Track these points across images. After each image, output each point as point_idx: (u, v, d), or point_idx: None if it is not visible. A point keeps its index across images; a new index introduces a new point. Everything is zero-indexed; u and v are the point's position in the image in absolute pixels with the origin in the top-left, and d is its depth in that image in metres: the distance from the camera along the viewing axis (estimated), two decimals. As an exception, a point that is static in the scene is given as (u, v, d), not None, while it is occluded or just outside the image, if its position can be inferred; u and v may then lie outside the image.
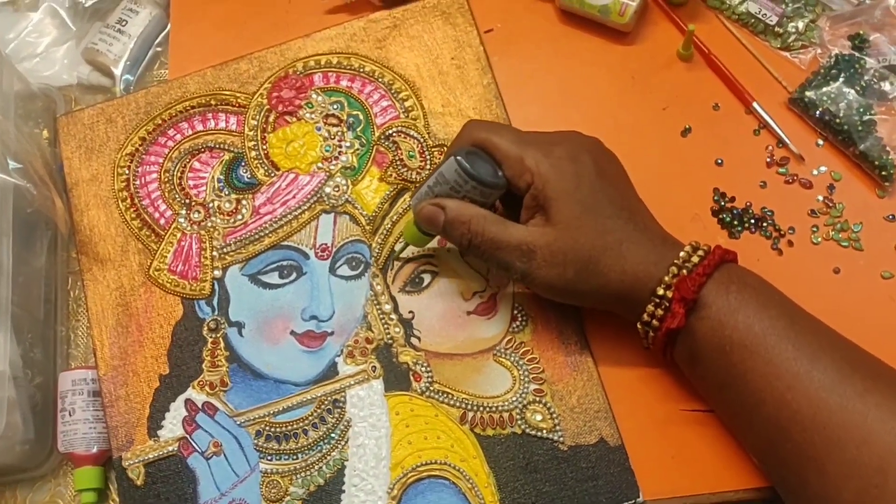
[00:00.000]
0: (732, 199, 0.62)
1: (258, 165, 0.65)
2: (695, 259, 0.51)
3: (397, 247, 0.62)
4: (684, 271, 0.51)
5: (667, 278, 0.51)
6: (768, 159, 0.63)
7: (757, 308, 0.50)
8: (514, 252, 0.53)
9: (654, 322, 0.52)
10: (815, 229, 0.61)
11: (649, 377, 0.58)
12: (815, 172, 0.63)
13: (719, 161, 0.64)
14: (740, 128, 0.65)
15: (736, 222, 0.61)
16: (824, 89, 0.63)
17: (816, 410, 0.47)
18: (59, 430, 0.61)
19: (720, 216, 0.62)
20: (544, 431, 0.57)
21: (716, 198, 0.62)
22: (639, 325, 0.53)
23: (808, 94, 0.63)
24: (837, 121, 0.62)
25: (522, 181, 0.54)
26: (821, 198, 0.62)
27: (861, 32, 0.65)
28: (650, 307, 0.52)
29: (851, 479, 0.46)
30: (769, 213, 0.62)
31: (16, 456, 0.60)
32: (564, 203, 0.52)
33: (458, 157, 0.54)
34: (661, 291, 0.51)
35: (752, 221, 0.61)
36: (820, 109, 0.62)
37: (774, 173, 0.63)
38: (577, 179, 0.53)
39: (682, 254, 0.51)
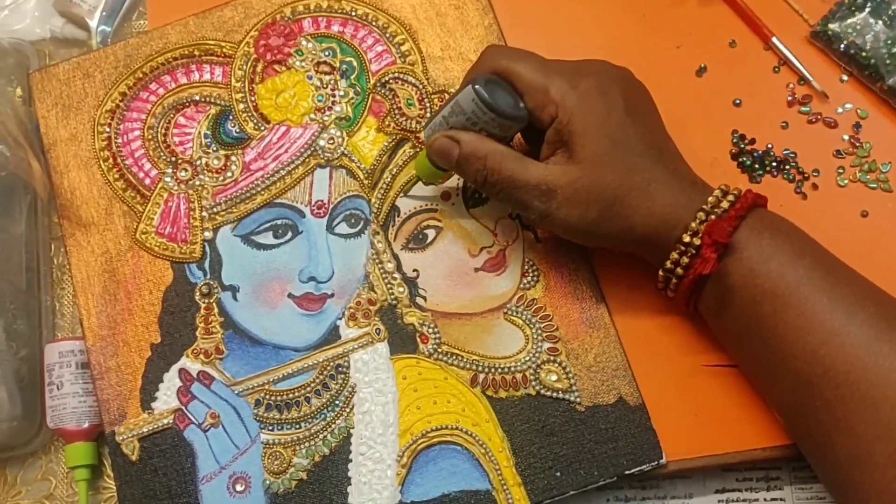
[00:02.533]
0: (752, 142, 0.59)
1: (247, 119, 0.61)
2: (724, 204, 0.48)
3: (400, 202, 0.58)
4: (713, 216, 0.48)
5: (693, 224, 0.48)
6: (789, 98, 0.60)
7: (791, 256, 0.47)
8: (532, 191, 0.50)
9: (679, 270, 0.49)
10: (840, 171, 0.58)
11: (670, 332, 0.55)
12: (839, 110, 0.59)
13: (737, 101, 0.60)
14: (759, 65, 0.61)
15: (757, 166, 0.58)
16: (849, 21, 0.59)
17: (850, 368, 0.44)
18: (48, 405, 0.58)
19: (740, 160, 0.58)
20: (560, 392, 0.54)
21: (735, 140, 0.59)
22: (661, 273, 0.50)
23: (831, 26, 0.59)
24: (863, 54, 0.58)
25: (546, 114, 0.50)
26: (846, 137, 0.58)
27: (887, -42, 0.61)
28: (674, 254, 0.49)
29: (884, 440, 0.43)
30: (792, 155, 0.58)
31: (3, 433, 0.57)
32: (591, 138, 0.49)
33: (477, 86, 0.49)
34: (686, 238, 0.48)
35: (774, 164, 0.58)
36: (844, 43, 0.59)
37: (796, 113, 0.59)
38: (606, 113, 0.49)
39: (710, 198, 0.48)
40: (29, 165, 0.61)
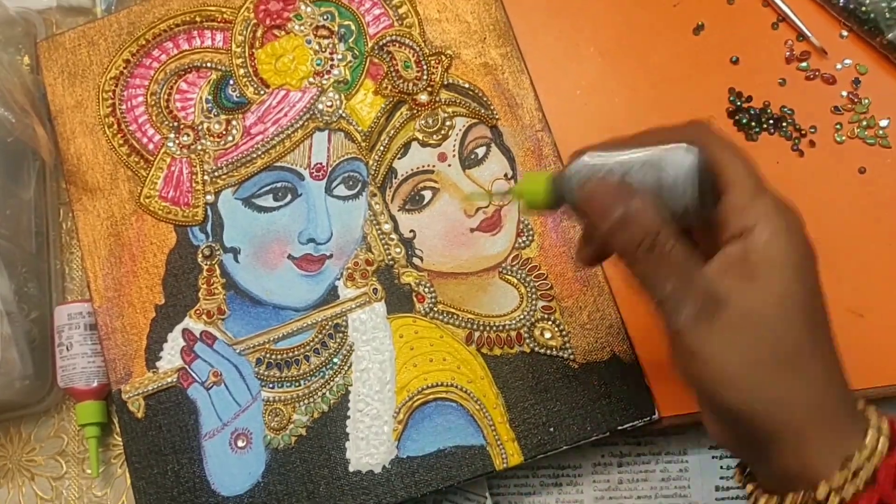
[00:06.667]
0: (749, 99, 0.58)
1: (247, 83, 0.62)
2: (875, 460, 0.36)
3: (397, 163, 0.59)
4: (859, 485, 0.36)
5: (834, 482, 0.36)
6: (788, 54, 0.59)
7: None
8: (691, 295, 0.38)
9: None
10: (838, 127, 0.57)
11: (663, 289, 0.55)
12: (838, 66, 0.59)
13: (735, 59, 0.60)
14: (757, 22, 0.60)
15: (753, 123, 0.58)
16: (848, -25, 0.58)
17: None
18: (58, 366, 0.60)
19: (736, 117, 0.58)
20: (554, 349, 0.55)
21: (731, 98, 0.59)
22: (749, 486, 0.41)
23: (830, -19, 0.59)
24: (863, 9, 0.57)
25: (739, 223, 0.38)
26: (845, 93, 0.58)
27: (889, -89, 0.60)
28: (793, 496, 0.37)
29: None
30: (789, 113, 0.58)
31: (16, 392, 0.59)
32: (785, 276, 0.37)
33: (702, 158, 0.39)
34: (826, 496, 0.36)
35: (771, 122, 0.58)
36: (844, -3, 0.58)
37: (794, 69, 0.59)
38: (807, 259, 0.38)
39: (863, 452, 0.36)
40: (34, 132, 0.62)
